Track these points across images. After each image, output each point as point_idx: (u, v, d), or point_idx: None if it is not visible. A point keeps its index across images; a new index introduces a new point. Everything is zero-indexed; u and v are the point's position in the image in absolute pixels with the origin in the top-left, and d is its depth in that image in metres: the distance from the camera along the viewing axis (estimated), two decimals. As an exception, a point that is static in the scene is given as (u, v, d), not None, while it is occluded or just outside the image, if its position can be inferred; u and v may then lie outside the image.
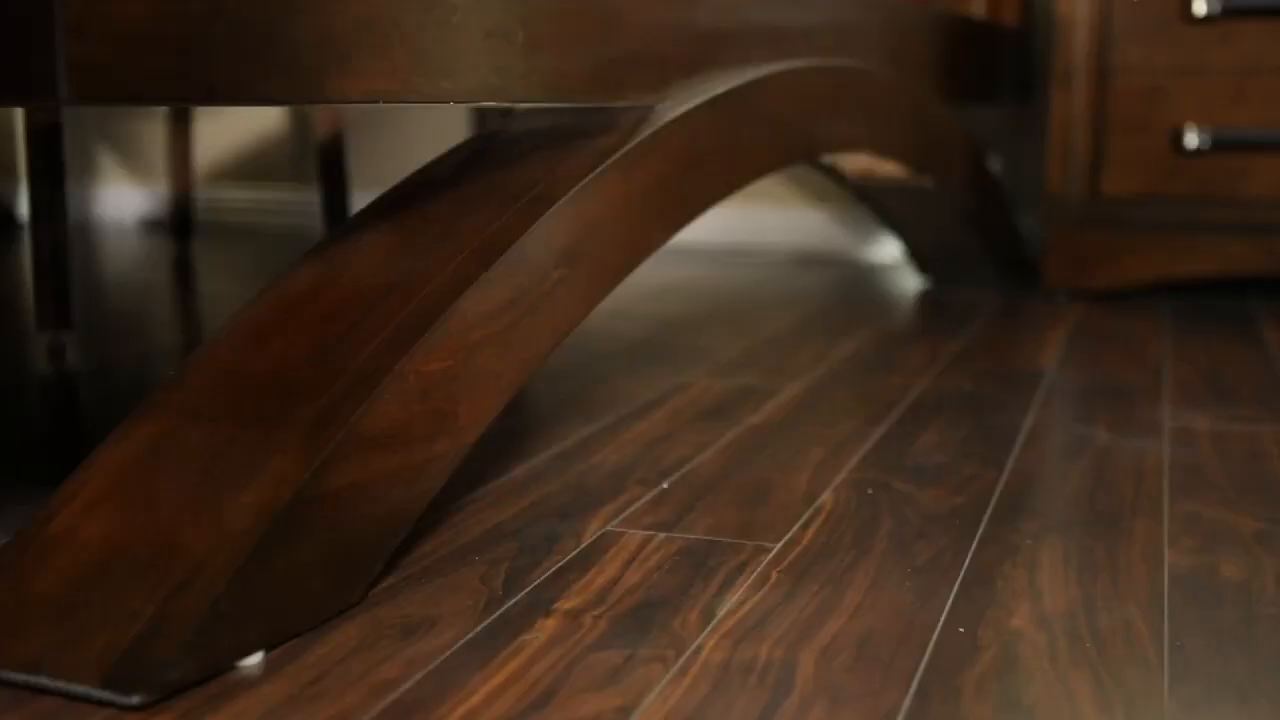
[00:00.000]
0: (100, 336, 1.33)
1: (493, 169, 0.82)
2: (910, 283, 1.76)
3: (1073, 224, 1.63)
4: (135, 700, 0.53)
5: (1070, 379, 1.16)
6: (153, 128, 2.37)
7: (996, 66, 1.72)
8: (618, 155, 0.82)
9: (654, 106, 0.89)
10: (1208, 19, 1.56)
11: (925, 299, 1.62)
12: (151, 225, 2.35)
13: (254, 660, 0.58)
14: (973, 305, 1.57)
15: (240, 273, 1.77)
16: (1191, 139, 1.56)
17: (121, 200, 2.40)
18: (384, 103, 0.66)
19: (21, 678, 0.55)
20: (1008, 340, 1.35)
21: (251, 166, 2.32)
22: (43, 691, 0.55)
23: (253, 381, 0.66)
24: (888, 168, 1.58)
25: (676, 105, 0.90)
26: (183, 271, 1.79)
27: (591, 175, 0.79)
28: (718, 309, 1.52)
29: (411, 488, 0.67)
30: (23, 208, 2.44)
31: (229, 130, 2.33)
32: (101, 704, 0.54)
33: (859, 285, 1.73)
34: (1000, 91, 1.73)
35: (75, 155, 2.43)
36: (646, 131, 0.86)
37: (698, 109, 0.91)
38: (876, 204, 1.65)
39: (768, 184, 2.03)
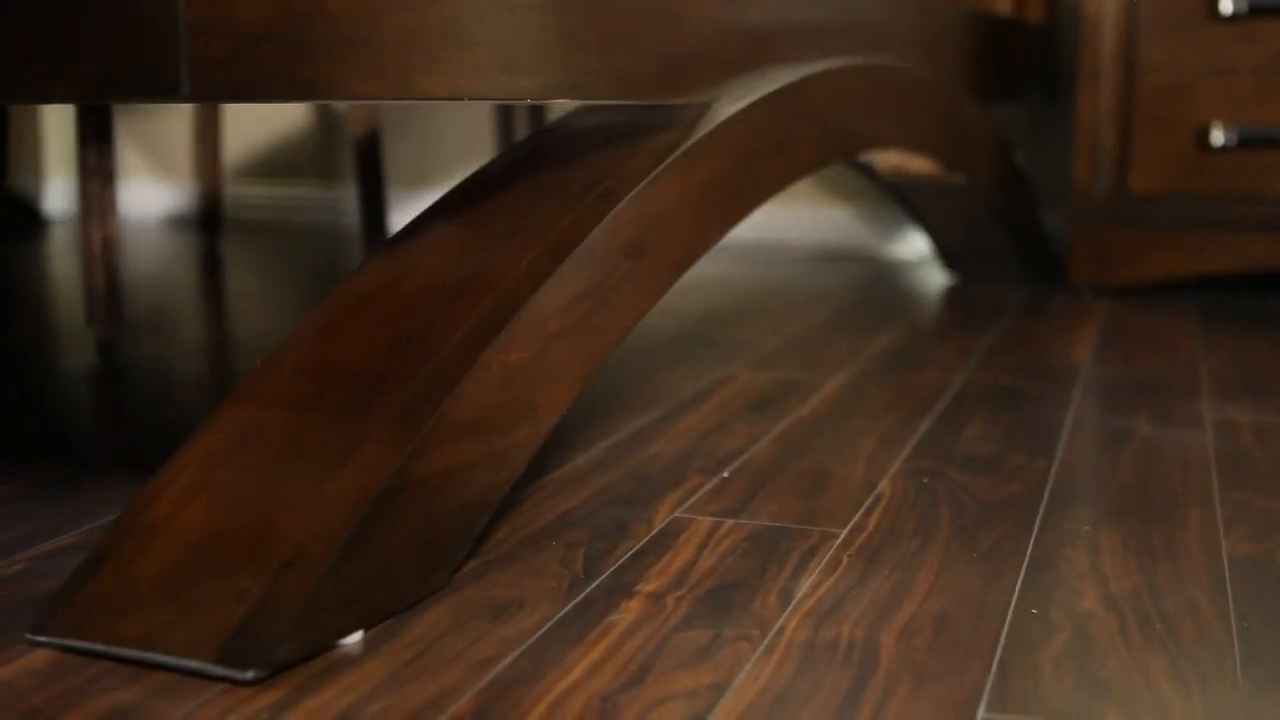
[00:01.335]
0: (146, 331, 1.35)
1: (556, 165, 0.83)
2: (935, 279, 1.78)
3: (1099, 220, 1.65)
4: (250, 675, 0.55)
5: (1105, 373, 1.18)
6: (175, 124, 2.39)
7: (1022, 65, 1.74)
8: (678, 152, 0.84)
9: (710, 104, 0.91)
10: (1233, 17, 1.58)
11: (952, 295, 1.64)
12: (176, 221, 2.37)
13: (354, 639, 0.60)
14: (1000, 301, 1.59)
15: (273, 269, 1.79)
16: (1217, 136, 1.58)
17: (144, 196, 2.42)
18: (467, 99, 0.68)
19: (135, 654, 0.57)
20: (1038, 335, 1.37)
21: (277, 164, 2.34)
22: (156, 667, 0.57)
23: (337, 372, 0.68)
24: (918, 164, 1.60)
25: (731, 103, 0.92)
26: (215, 267, 1.81)
27: (655, 171, 0.81)
28: (750, 304, 1.54)
29: (494, 474, 0.68)
30: (49, 203, 2.46)
31: (255, 127, 2.34)
32: (215, 679, 0.56)
33: (884, 281, 1.75)
34: (1026, 89, 1.75)
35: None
36: (705, 129, 0.87)
37: (752, 107, 0.93)
38: (906, 200, 1.67)
39: (791, 181, 2.05)
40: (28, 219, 2.39)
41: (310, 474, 0.62)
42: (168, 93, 0.51)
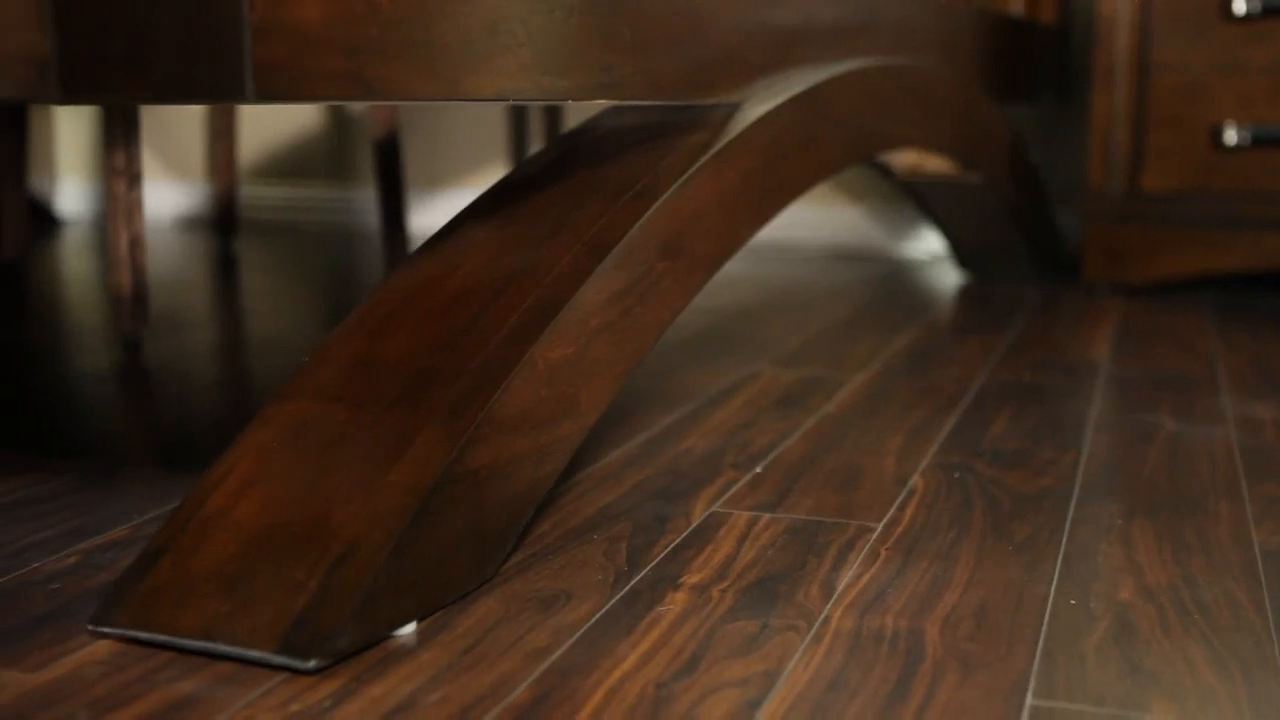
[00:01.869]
0: (170, 331, 1.36)
1: (590, 165, 0.84)
2: (949, 277, 1.79)
3: (1113, 219, 1.66)
4: (311, 664, 0.56)
5: (1125, 370, 1.19)
6: (187, 125, 2.40)
7: (1035, 65, 1.75)
8: (712, 152, 0.85)
9: (739, 105, 0.92)
10: (1247, 18, 1.59)
11: (966, 293, 1.65)
12: (189, 222, 2.38)
13: (408, 630, 0.61)
14: (1015, 299, 1.60)
15: (291, 270, 1.80)
16: (1231, 135, 1.59)
17: (157, 197, 2.43)
18: (512, 101, 0.69)
19: (198, 644, 0.58)
20: (1056, 333, 1.38)
21: (290, 164, 2.35)
22: (217, 657, 0.58)
23: (385, 367, 0.69)
24: (935, 163, 1.61)
25: (760, 104, 0.93)
26: (232, 268, 1.82)
27: (690, 171, 0.82)
28: (769, 302, 1.55)
29: (539, 468, 0.70)
30: (61, 205, 2.47)
31: (268, 128, 2.36)
32: (277, 668, 0.57)
33: (898, 280, 1.76)
34: (1039, 89, 1.76)
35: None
36: (737, 129, 0.89)
37: (780, 108, 0.94)
38: (922, 200, 1.68)
39: (804, 181, 2.06)
40: (42, 220, 2.40)
41: (363, 467, 0.63)
42: (233, 94, 0.53)
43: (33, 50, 0.44)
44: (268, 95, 0.54)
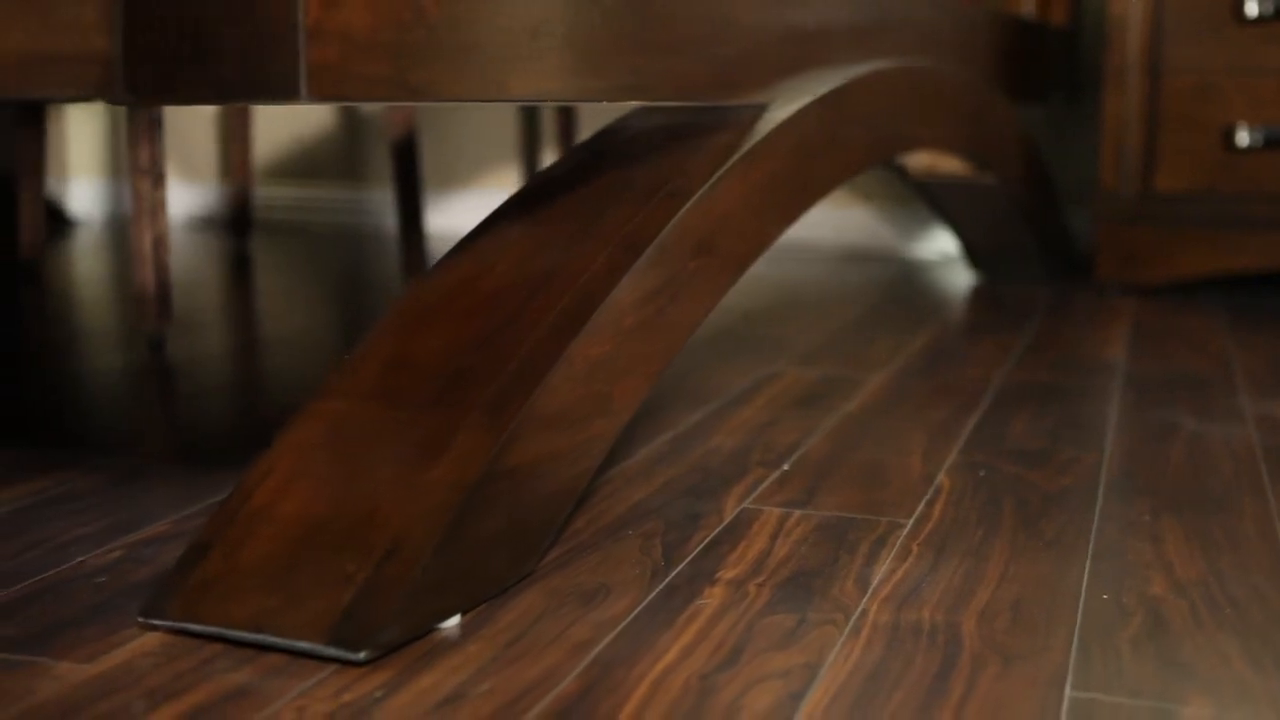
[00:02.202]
0: (192, 330, 1.37)
1: (620, 166, 0.85)
2: (960, 278, 1.80)
3: (1125, 219, 1.67)
4: (361, 656, 0.57)
5: (1142, 369, 1.20)
6: (198, 126, 2.41)
7: (1046, 66, 1.76)
8: (741, 153, 0.86)
9: (765, 105, 0.93)
10: (1259, 19, 1.60)
11: (979, 294, 1.66)
12: (200, 223, 2.39)
13: (452, 623, 0.62)
14: (1027, 300, 1.61)
15: (307, 270, 1.81)
16: (1243, 136, 1.60)
17: (169, 198, 2.44)
18: (549, 102, 0.70)
19: (249, 636, 0.59)
20: (1070, 333, 1.39)
21: (302, 165, 2.36)
22: (267, 649, 0.59)
23: (424, 365, 0.70)
24: (949, 164, 1.62)
25: (786, 105, 0.94)
26: (248, 268, 1.83)
27: (720, 171, 0.83)
28: (784, 302, 1.56)
29: (576, 465, 0.71)
30: (73, 205, 2.48)
31: (281, 129, 2.36)
32: (327, 660, 0.58)
33: (910, 281, 1.77)
34: (1050, 90, 1.77)
35: (122, 153, 2.46)
36: (764, 130, 0.89)
37: (807, 108, 0.95)
38: (935, 200, 1.69)
39: (816, 182, 2.07)
40: (55, 220, 2.41)
41: (405, 464, 0.64)
42: (288, 95, 0.54)
43: (101, 52, 0.45)
44: (320, 96, 0.55)
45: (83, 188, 2.48)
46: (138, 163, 1.27)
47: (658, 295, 0.77)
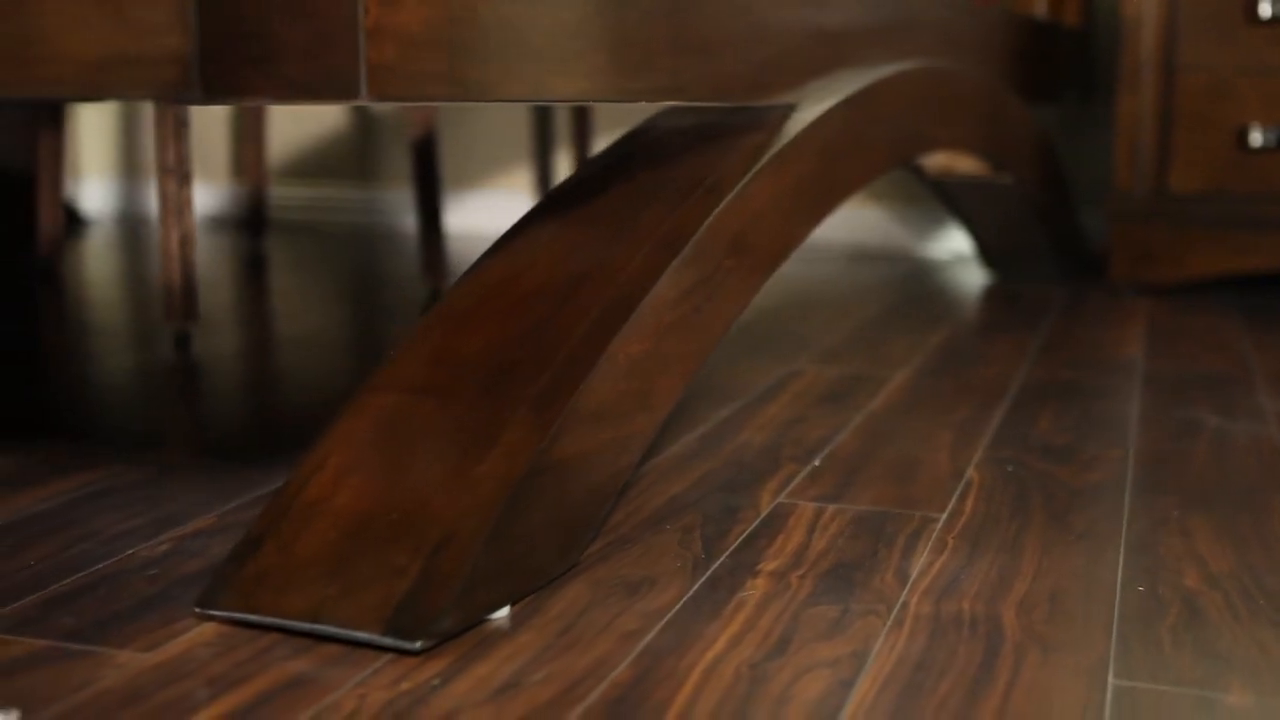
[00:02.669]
0: (215, 327, 1.38)
1: (653, 165, 0.87)
2: (973, 277, 1.81)
3: (1139, 219, 1.68)
4: (418, 646, 0.58)
5: (1161, 368, 1.21)
6: (210, 125, 2.42)
7: (1060, 66, 1.77)
8: (772, 152, 0.87)
9: (794, 105, 0.95)
10: (1273, 20, 1.61)
11: (993, 293, 1.67)
12: (212, 222, 2.40)
13: (502, 614, 0.63)
14: (1041, 299, 1.62)
15: (323, 269, 1.83)
16: (1256, 137, 1.61)
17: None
18: (590, 102, 0.71)
19: (305, 626, 0.60)
20: (1087, 332, 1.40)
21: (314, 165, 2.37)
22: (323, 638, 0.60)
23: (470, 361, 0.71)
24: (965, 164, 1.63)
25: (814, 105, 0.95)
26: (264, 266, 1.85)
27: (753, 171, 0.85)
28: (801, 301, 1.57)
29: (618, 460, 0.72)
30: (84, 204, 2.49)
31: (293, 129, 2.37)
32: (384, 649, 0.59)
33: (924, 280, 1.78)
34: (1064, 91, 1.79)
35: (135, 152, 2.48)
36: (794, 130, 0.91)
37: (834, 109, 0.96)
38: (951, 200, 1.70)
39: (828, 182, 2.08)
40: (68, 219, 2.42)
41: (454, 457, 0.65)
42: (348, 94, 0.55)
43: (178, 53, 0.46)
44: (379, 95, 0.56)
45: (93, 187, 2.49)
46: (164, 162, 1.28)
47: (694, 293, 0.78)
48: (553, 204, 0.84)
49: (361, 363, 1.21)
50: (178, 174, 1.28)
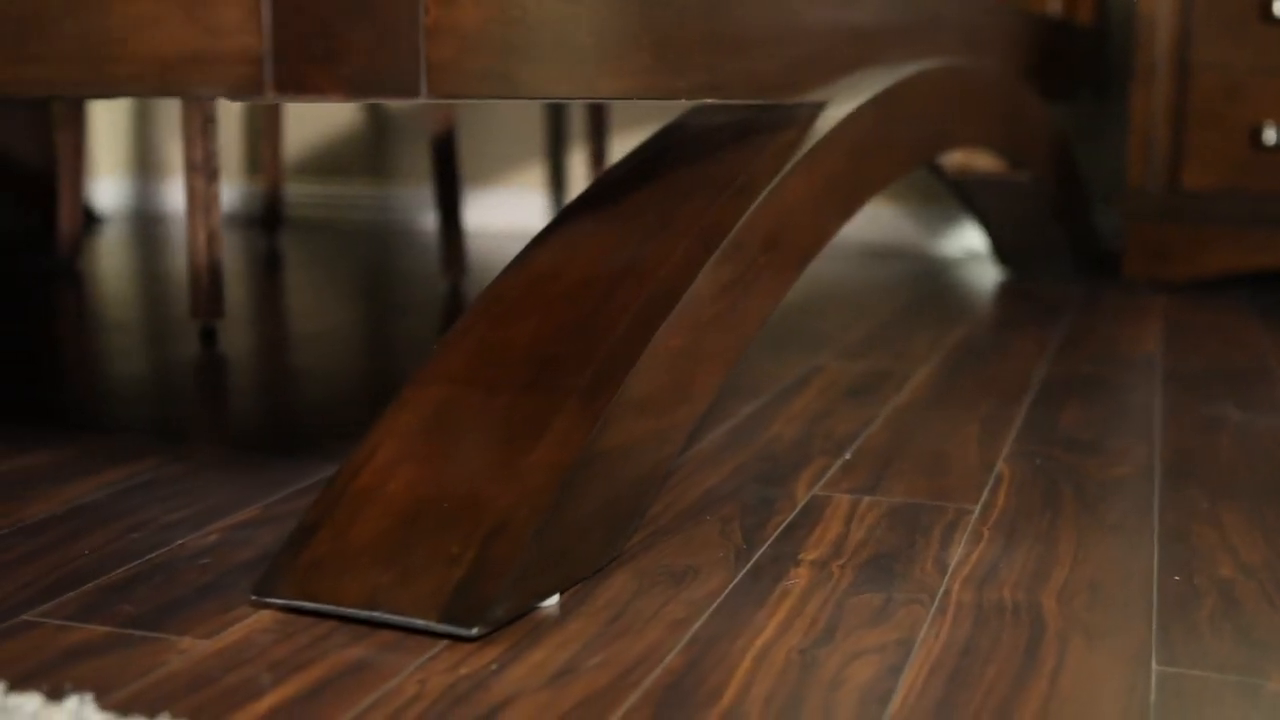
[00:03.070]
0: (238, 323, 1.39)
1: (687, 162, 0.88)
2: (986, 274, 1.82)
3: (1153, 217, 1.69)
4: (474, 632, 0.59)
5: (1180, 363, 1.23)
6: (226, 124, 2.43)
7: (1075, 65, 1.79)
8: (804, 150, 0.88)
9: (823, 104, 0.96)
10: (1286, 20, 1.62)
11: (1008, 290, 1.68)
12: (227, 219, 2.41)
13: (552, 602, 0.64)
14: (1057, 296, 1.63)
15: (340, 265, 1.84)
16: (1270, 135, 1.63)
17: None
18: (635, 99, 0.73)
19: (362, 613, 0.61)
20: (1105, 328, 1.41)
21: (329, 162, 2.38)
22: (379, 625, 0.61)
23: (513, 354, 0.72)
24: (982, 162, 1.64)
25: (843, 103, 0.96)
26: (280, 263, 1.86)
27: (787, 168, 0.86)
28: (820, 298, 1.58)
29: (660, 451, 0.73)
30: (98, 202, 2.50)
31: (307, 126, 2.39)
32: (439, 636, 0.60)
33: (938, 277, 1.79)
34: (1078, 89, 1.80)
35: (147, 150, 2.49)
36: (825, 128, 0.92)
37: (863, 108, 0.97)
38: (968, 197, 1.71)
39: (841, 179, 2.09)
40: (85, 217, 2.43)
41: (504, 447, 0.67)
42: (409, 92, 0.56)
43: (252, 52, 0.48)
44: (437, 93, 0.57)
45: (105, 185, 2.50)
46: (192, 159, 1.29)
47: (731, 288, 0.79)
48: (591, 200, 0.86)
49: (387, 358, 1.22)
50: (205, 171, 1.29)
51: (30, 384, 1.10)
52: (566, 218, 0.83)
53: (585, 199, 0.85)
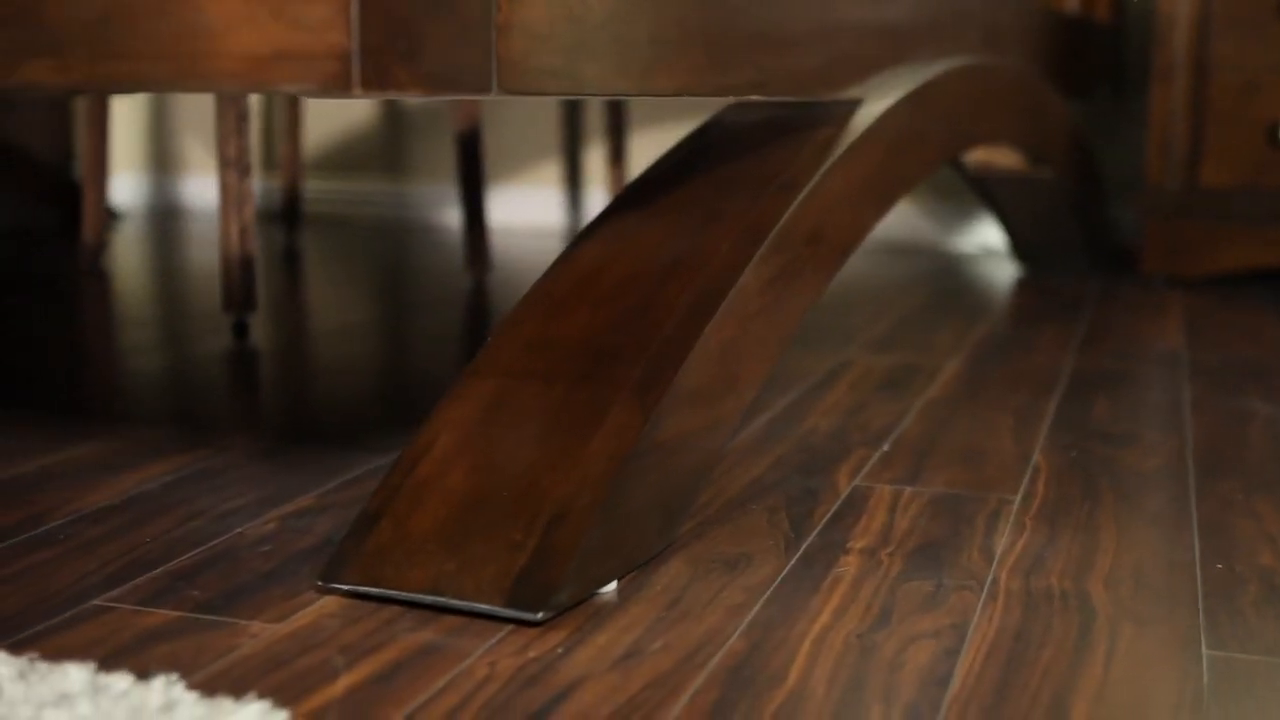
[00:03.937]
0: (267, 316, 1.41)
1: (730, 158, 0.89)
2: (1003, 271, 1.84)
3: (1171, 214, 1.70)
4: (539, 616, 0.61)
5: (1204, 358, 1.24)
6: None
7: (1093, 62, 1.80)
8: (844, 146, 0.90)
9: (859, 101, 0.97)
10: (1304, 19, 1.63)
11: (1026, 286, 1.70)
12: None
13: (611, 588, 0.66)
14: (1076, 292, 1.64)
15: (361, 261, 1.85)
16: (1287, 133, 1.64)
17: (208, 190, 2.47)
18: (686, 95, 0.74)
19: (427, 599, 0.62)
20: (1126, 324, 1.42)
21: (345, 159, 2.40)
22: (444, 610, 0.63)
23: (566, 347, 0.74)
24: (1003, 158, 1.66)
25: (878, 100, 0.98)
26: (299, 259, 1.87)
27: (827, 164, 0.87)
28: (842, 293, 1.60)
29: (710, 441, 0.74)
30: (115, 198, 2.51)
31: (324, 123, 2.40)
32: (504, 620, 0.62)
33: (955, 273, 1.81)
34: (1096, 86, 1.81)
35: (164, 146, 2.50)
36: (863, 124, 0.93)
37: (899, 104, 0.98)
38: (988, 193, 1.73)
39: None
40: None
41: (562, 437, 0.68)
42: (481, 87, 0.57)
43: (341, 49, 0.49)
44: (508, 89, 0.58)
45: (122, 181, 2.52)
46: (225, 156, 1.31)
47: (776, 282, 0.81)
48: (635, 196, 0.87)
49: (417, 353, 1.23)
50: (238, 167, 1.31)
51: (69, 379, 1.11)
52: (612, 213, 0.85)
53: (629, 195, 0.87)
